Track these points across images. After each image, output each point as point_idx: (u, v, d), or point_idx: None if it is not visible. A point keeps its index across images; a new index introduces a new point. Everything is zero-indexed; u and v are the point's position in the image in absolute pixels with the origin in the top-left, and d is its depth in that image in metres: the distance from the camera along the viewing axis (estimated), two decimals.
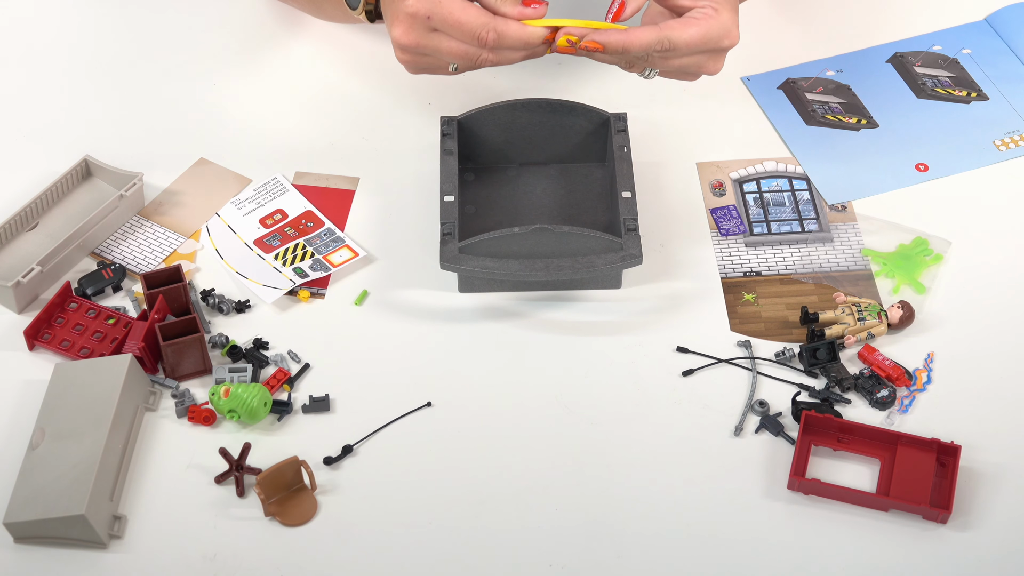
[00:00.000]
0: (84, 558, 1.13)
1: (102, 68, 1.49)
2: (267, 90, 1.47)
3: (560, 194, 1.36)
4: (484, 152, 1.35)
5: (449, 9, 1.18)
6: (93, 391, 1.18)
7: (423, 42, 1.21)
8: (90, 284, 1.29)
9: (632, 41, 1.19)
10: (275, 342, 1.26)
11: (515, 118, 1.35)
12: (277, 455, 1.17)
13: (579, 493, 1.16)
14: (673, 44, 1.20)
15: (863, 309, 1.26)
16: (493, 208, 1.34)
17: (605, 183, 1.36)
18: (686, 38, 1.20)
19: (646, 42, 1.20)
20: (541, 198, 1.35)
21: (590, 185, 1.36)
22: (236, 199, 1.37)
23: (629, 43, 1.19)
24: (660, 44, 1.20)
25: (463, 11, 1.18)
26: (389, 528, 1.14)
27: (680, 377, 1.24)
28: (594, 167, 1.37)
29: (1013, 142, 1.41)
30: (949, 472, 1.15)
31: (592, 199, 1.35)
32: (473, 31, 1.19)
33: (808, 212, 1.36)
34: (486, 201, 1.35)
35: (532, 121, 1.35)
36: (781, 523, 1.14)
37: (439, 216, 1.29)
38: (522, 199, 1.34)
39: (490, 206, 1.34)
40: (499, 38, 1.19)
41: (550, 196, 1.35)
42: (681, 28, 1.20)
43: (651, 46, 1.20)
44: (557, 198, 1.35)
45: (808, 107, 1.45)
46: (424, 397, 1.22)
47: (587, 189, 1.36)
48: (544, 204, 1.35)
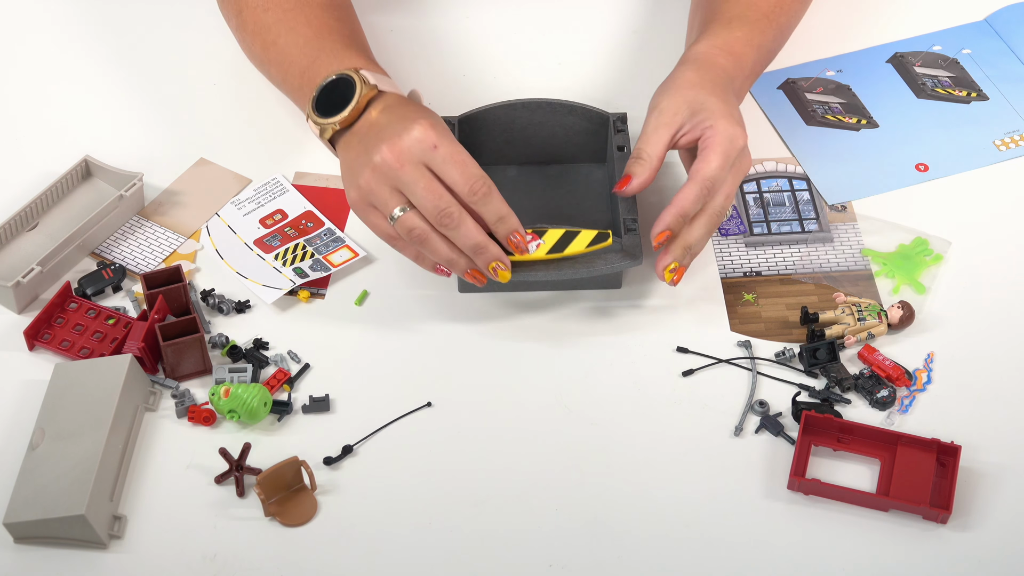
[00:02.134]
0: (84, 558, 1.13)
1: (102, 68, 1.49)
2: (267, 90, 1.47)
3: (560, 194, 1.36)
4: (484, 152, 1.35)
5: (458, 146, 1.16)
6: (93, 391, 1.18)
7: (408, 170, 1.16)
8: (90, 284, 1.29)
9: (683, 200, 1.19)
10: (275, 342, 1.26)
11: (515, 118, 1.35)
12: (277, 455, 1.17)
13: (579, 493, 1.16)
14: (710, 178, 1.20)
15: (863, 309, 1.26)
16: None
17: (605, 183, 1.36)
18: (716, 165, 1.20)
19: (693, 195, 1.19)
20: (541, 198, 1.35)
21: (590, 185, 1.36)
22: (236, 199, 1.37)
23: (683, 205, 1.20)
24: (703, 187, 1.20)
25: (468, 155, 1.17)
26: (389, 528, 1.14)
27: (680, 377, 1.24)
28: (594, 167, 1.37)
29: (1013, 142, 1.41)
30: (949, 472, 1.15)
31: (592, 199, 1.35)
32: (473, 175, 1.16)
33: (808, 212, 1.36)
34: None
35: (532, 121, 1.35)
36: (781, 523, 1.14)
37: None
38: (522, 199, 1.34)
39: None
40: (488, 195, 1.17)
41: (550, 196, 1.35)
42: (704, 162, 1.20)
43: (699, 195, 1.20)
44: (557, 198, 1.35)
45: (808, 107, 1.45)
46: (424, 397, 1.22)
47: (587, 189, 1.36)
48: (544, 204, 1.35)
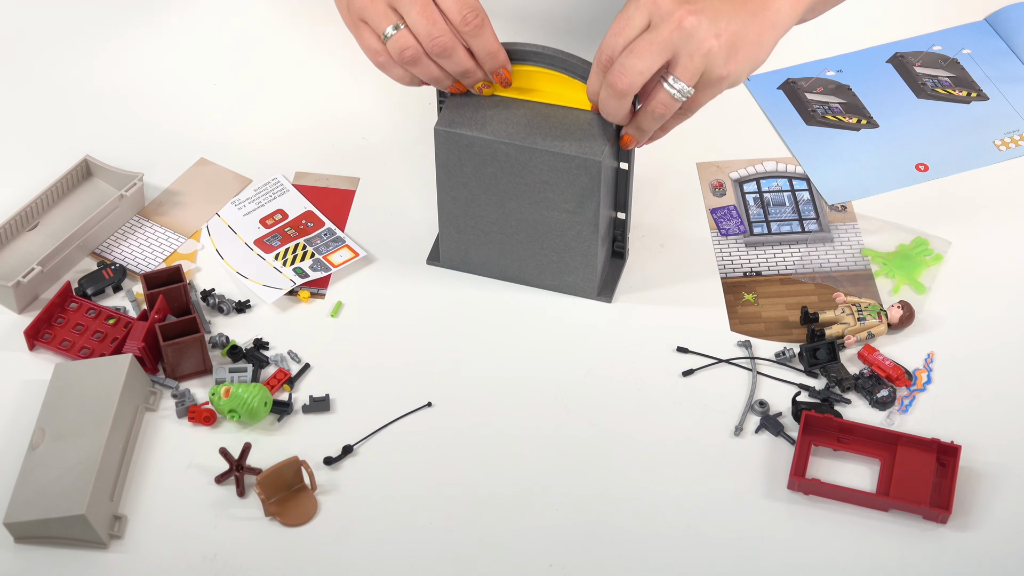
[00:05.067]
0: (84, 558, 1.13)
1: (102, 68, 1.49)
2: (267, 90, 1.47)
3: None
4: None
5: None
6: (93, 391, 1.18)
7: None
8: (90, 284, 1.29)
9: (588, 87, 1.16)
10: (275, 342, 1.26)
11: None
12: (277, 455, 1.17)
13: (579, 493, 1.16)
14: (603, 49, 1.14)
15: (863, 309, 1.26)
16: None
17: None
18: (611, 31, 1.14)
19: (592, 78, 1.15)
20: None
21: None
22: (236, 199, 1.37)
23: (589, 91, 1.16)
24: (596, 62, 1.15)
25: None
26: (389, 528, 1.14)
27: (680, 377, 1.24)
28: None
29: (1013, 142, 1.42)
30: (949, 472, 1.15)
31: None
32: (468, 3, 1.16)
33: (808, 212, 1.36)
34: None
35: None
36: (781, 523, 1.14)
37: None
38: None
39: None
40: (480, 27, 1.17)
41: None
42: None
43: (596, 72, 1.15)
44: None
45: (808, 107, 1.45)
46: (424, 397, 1.22)
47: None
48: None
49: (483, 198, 1.24)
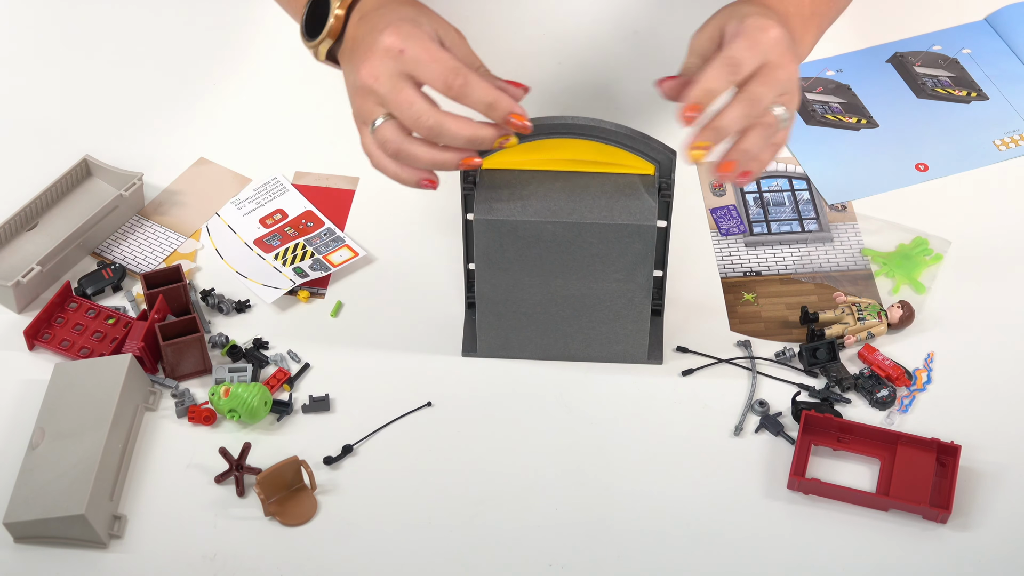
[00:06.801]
0: (84, 558, 1.13)
1: (102, 68, 1.49)
2: (267, 90, 1.47)
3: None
4: None
5: (424, 44, 1.09)
6: (93, 391, 1.18)
7: (383, 83, 1.10)
8: (90, 284, 1.29)
9: (706, 77, 1.09)
10: (275, 342, 1.26)
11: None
12: (277, 455, 1.17)
13: (579, 493, 1.16)
14: (732, 56, 1.09)
15: (863, 309, 1.26)
16: None
17: None
18: (741, 45, 1.09)
19: (715, 70, 1.08)
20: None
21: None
22: (236, 199, 1.37)
23: (706, 82, 1.08)
24: (723, 63, 1.09)
25: (439, 50, 1.09)
26: (389, 528, 1.14)
27: (680, 377, 1.24)
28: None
29: (1013, 142, 1.42)
30: (949, 472, 1.15)
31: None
32: (446, 69, 1.08)
33: (808, 212, 1.36)
34: None
35: None
36: (781, 523, 1.14)
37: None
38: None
39: None
40: (465, 86, 1.09)
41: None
42: (728, 46, 1.10)
43: (721, 71, 1.08)
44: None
45: (808, 107, 1.45)
46: (424, 397, 1.22)
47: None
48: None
49: (526, 281, 1.18)
